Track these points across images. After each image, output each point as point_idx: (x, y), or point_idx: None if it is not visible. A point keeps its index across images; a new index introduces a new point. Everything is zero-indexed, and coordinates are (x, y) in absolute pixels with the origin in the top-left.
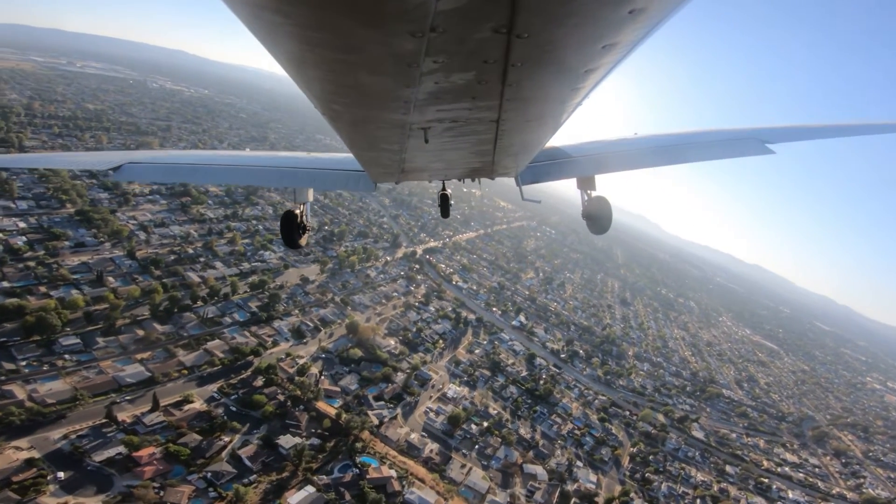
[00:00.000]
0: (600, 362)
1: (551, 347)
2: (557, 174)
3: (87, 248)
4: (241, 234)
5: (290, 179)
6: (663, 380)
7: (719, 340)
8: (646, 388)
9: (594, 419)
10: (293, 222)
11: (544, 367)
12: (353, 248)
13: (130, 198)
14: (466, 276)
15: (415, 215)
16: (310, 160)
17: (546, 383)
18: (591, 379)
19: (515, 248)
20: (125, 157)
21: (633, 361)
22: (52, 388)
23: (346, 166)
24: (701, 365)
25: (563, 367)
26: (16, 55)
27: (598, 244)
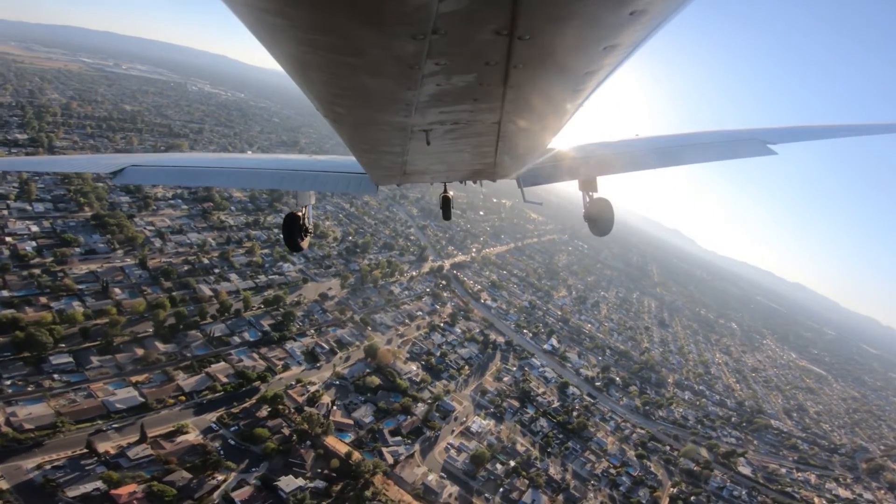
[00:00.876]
0: (638, 391)
1: (585, 374)
2: (559, 176)
3: (97, 255)
4: (260, 244)
5: (291, 182)
6: (706, 410)
7: (764, 366)
8: (687, 420)
9: (631, 456)
10: (295, 225)
11: (578, 397)
12: (377, 262)
13: (151, 202)
14: (496, 294)
15: (443, 226)
16: (311, 162)
17: (580, 415)
18: (629, 410)
19: (547, 263)
20: (127, 160)
21: (673, 390)
22: (32, 413)
23: (348, 168)
24: (747, 393)
25: (598, 397)
26: (66, 56)
27: (633, 260)
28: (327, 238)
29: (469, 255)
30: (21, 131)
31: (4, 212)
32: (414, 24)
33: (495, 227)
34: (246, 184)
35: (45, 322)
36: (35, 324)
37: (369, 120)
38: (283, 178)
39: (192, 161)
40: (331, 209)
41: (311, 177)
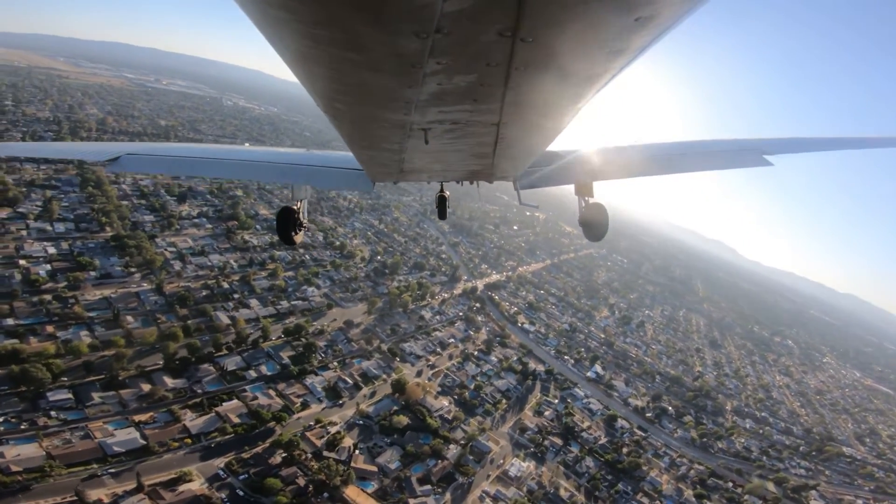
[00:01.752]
0: (694, 421)
1: (634, 405)
2: (556, 180)
3: (112, 280)
4: (284, 266)
5: (287, 176)
6: (771, 439)
7: (829, 387)
8: (751, 451)
9: (690, 496)
10: (290, 219)
11: (627, 431)
12: (407, 284)
13: (175, 221)
14: (533, 317)
15: (476, 243)
16: (308, 157)
17: (630, 452)
18: (684, 443)
19: (586, 280)
20: (123, 148)
21: (732, 418)
22: (21, 454)
23: (345, 164)
24: (814, 418)
25: (649, 430)
26: (110, 71)
27: (676, 274)
28: (354, 258)
29: (504, 273)
30: None
31: (23, 232)
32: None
33: (530, 243)
34: (241, 175)
35: (46, 354)
36: (36, 355)
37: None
38: (279, 172)
39: (188, 151)
40: (359, 226)
41: (307, 171)
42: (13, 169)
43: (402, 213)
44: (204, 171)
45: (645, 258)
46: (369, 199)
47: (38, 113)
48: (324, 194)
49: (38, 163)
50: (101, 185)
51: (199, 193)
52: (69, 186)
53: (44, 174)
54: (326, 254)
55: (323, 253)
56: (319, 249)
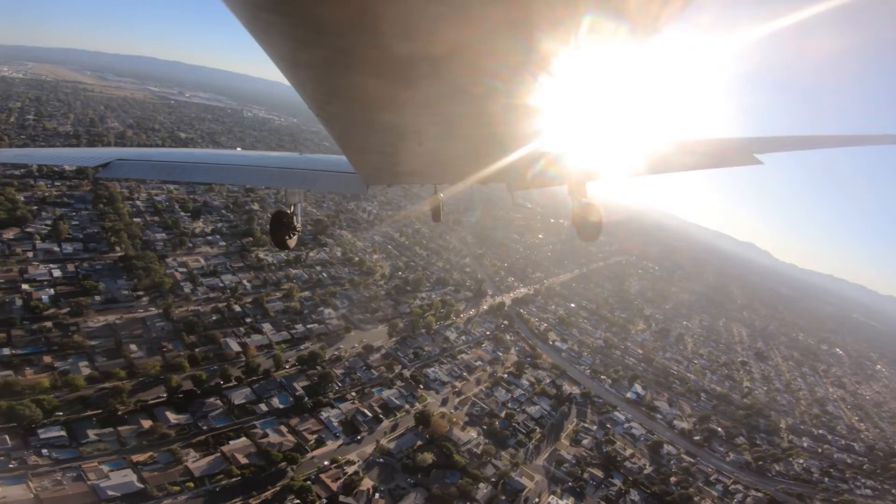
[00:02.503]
0: (747, 443)
1: (681, 427)
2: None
3: (117, 304)
4: (299, 286)
5: (281, 180)
6: (832, 458)
7: (885, 397)
8: (811, 473)
9: None
10: (283, 223)
11: (674, 457)
12: (430, 302)
13: (188, 239)
14: (565, 333)
15: (500, 254)
16: (301, 160)
17: (679, 482)
18: (738, 467)
19: (618, 290)
20: (114, 153)
21: (788, 437)
22: (7, 496)
23: (338, 168)
24: (874, 433)
25: (698, 455)
26: (134, 85)
27: (710, 280)
28: (374, 275)
29: (531, 286)
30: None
31: (29, 253)
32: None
33: (557, 252)
34: (234, 180)
35: (41, 387)
36: (30, 389)
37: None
38: (272, 176)
39: (179, 156)
40: (379, 240)
41: (300, 175)
42: (27, 186)
43: (424, 225)
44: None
45: (677, 265)
46: (389, 209)
47: (60, 127)
48: (342, 206)
49: (53, 179)
50: (114, 202)
51: (215, 208)
52: (81, 204)
53: (57, 191)
54: (345, 271)
55: (341, 270)
56: (337, 266)
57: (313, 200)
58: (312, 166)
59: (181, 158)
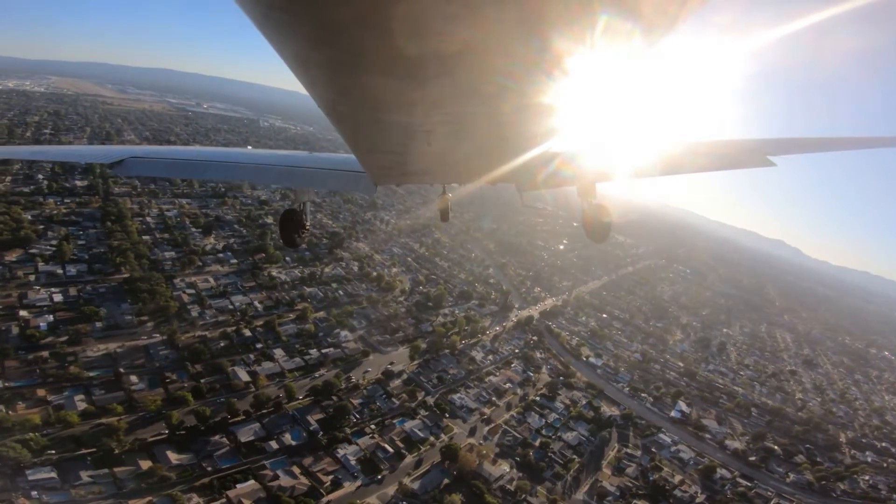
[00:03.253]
0: (808, 461)
1: (733, 447)
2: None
3: (119, 331)
4: (314, 305)
5: (289, 179)
6: None
7: None
8: (879, 490)
9: None
10: (293, 221)
11: (729, 482)
12: (453, 318)
13: (197, 257)
14: (599, 347)
15: (524, 262)
16: (310, 159)
17: None
18: (800, 488)
19: (650, 297)
20: (127, 151)
21: (850, 452)
22: None
23: (347, 167)
24: None
25: (756, 478)
26: (154, 97)
27: (744, 283)
28: (393, 291)
29: (560, 297)
30: (82, 178)
31: (31, 276)
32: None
33: (583, 258)
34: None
35: (31, 424)
36: (20, 425)
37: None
38: (282, 175)
39: (192, 154)
40: (398, 252)
41: (309, 174)
42: (35, 203)
43: (444, 234)
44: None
45: (708, 267)
46: (408, 218)
47: (76, 141)
48: (359, 216)
49: (63, 195)
50: (123, 218)
51: (227, 223)
52: (90, 222)
53: (66, 208)
54: (362, 287)
55: (358, 286)
56: (354, 282)
57: (328, 212)
58: (321, 165)
59: (193, 156)
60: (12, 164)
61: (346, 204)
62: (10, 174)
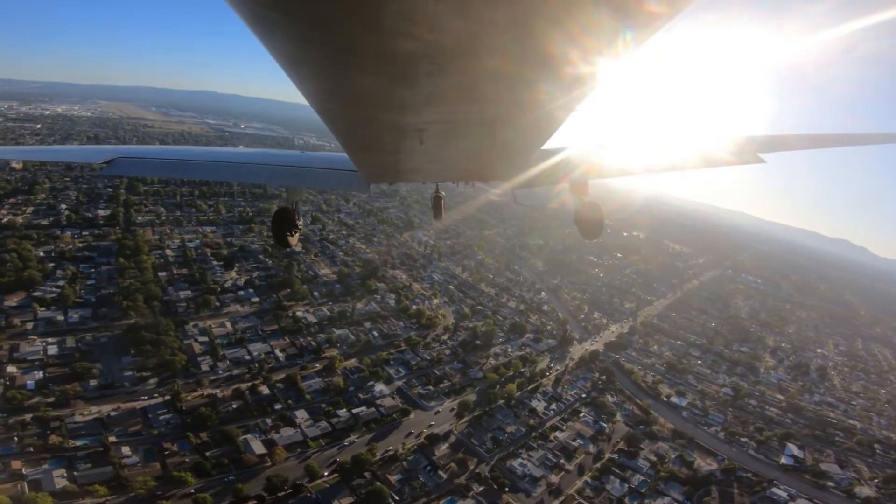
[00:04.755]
0: None
1: (863, 495)
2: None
3: (116, 391)
4: (344, 352)
5: (282, 177)
6: None
7: None
8: None
9: None
10: (286, 220)
11: None
12: (507, 359)
13: (215, 297)
14: (680, 383)
15: (578, 283)
16: (303, 158)
17: None
18: None
19: (726, 316)
20: (117, 151)
21: None
22: None
23: (340, 165)
24: None
25: None
26: (194, 119)
27: (822, 290)
28: (436, 328)
29: (624, 322)
30: (106, 206)
31: (29, 324)
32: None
33: (641, 273)
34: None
35: None
36: None
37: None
38: (274, 173)
39: (182, 154)
40: (438, 279)
41: (301, 172)
42: (50, 238)
43: (488, 254)
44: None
45: (778, 274)
46: (448, 238)
47: None
48: (394, 238)
49: (82, 228)
50: (139, 253)
51: (251, 254)
52: (104, 257)
53: (82, 241)
54: (399, 326)
55: (395, 325)
56: (391, 320)
57: (361, 235)
58: (314, 164)
59: (183, 156)
60: (37, 193)
61: (380, 225)
62: (34, 205)
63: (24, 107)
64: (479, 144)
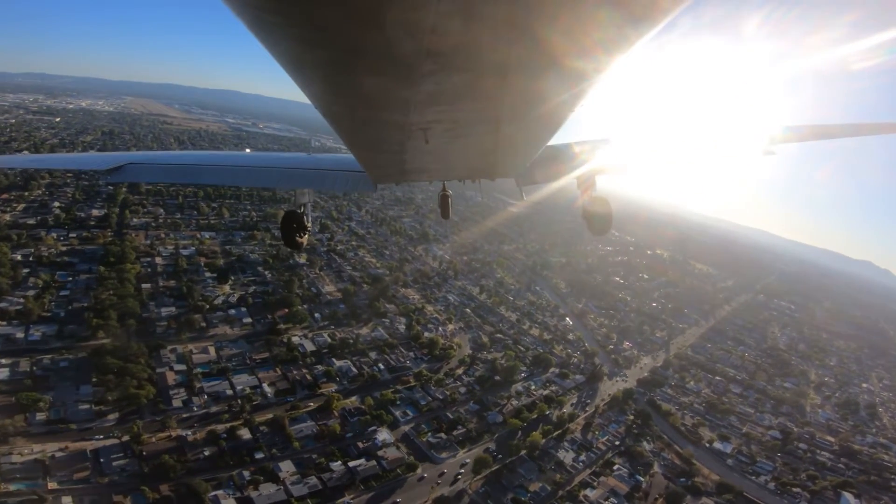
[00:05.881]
0: None
1: None
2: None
3: (66, 427)
4: (345, 387)
5: (290, 180)
6: None
7: None
8: None
9: None
10: (294, 223)
11: None
12: (532, 401)
13: (200, 318)
14: (722, 426)
15: (605, 307)
16: (310, 160)
17: None
18: None
19: (764, 347)
20: (126, 157)
21: None
22: None
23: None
24: None
25: None
26: (214, 117)
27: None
28: (450, 360)
29: (656, 354)
30: (102, 205)
31: None
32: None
33: (671, 298)
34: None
35: None
36: None
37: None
38: (282, 177)
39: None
40: (453, 300)
41: (309, 175)
42: (32, 239)
43: (507, 272)
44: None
45: (810, 299)
46: (465, 253)
47: None
48: (407, 252)
49: (69, 230)
50: (124, 260)
51: (250, 265)
52: (86, 264)
53: (66, 245)
54: (409, 357)
55: (404, 355)
56: (399, 349)
57: (373, 247)
58: (321, 166)
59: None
60: (33, 190)
61: (393, 236)
62: (26, 201)
63: (49, 100)
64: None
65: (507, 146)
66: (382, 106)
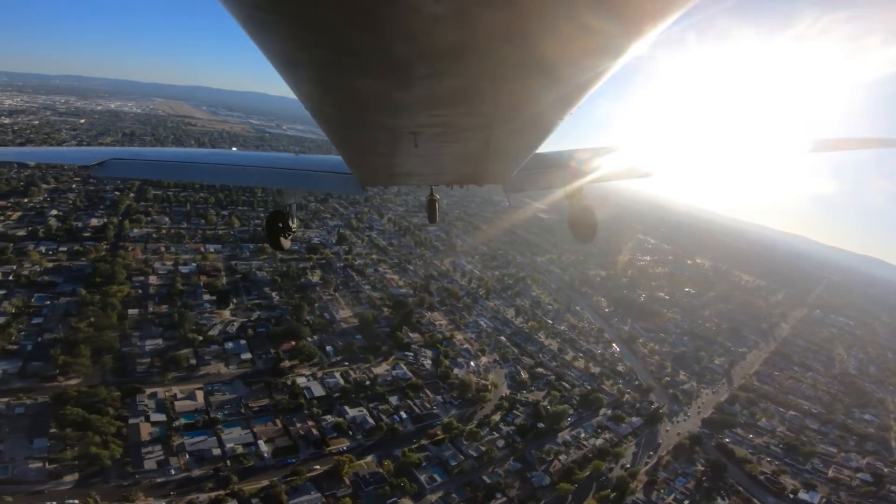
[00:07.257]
0: None
1: None
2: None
3: (10, 489)
4: (359, 443)
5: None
6: None
7: None
8: None
9: None
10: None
11: None
12: (583, 455)
13: (189, 354)
14: (805, 470)
15: (654, 328)
16: (297, 160)
17: None
18: None
19: (833, 372)
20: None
21: None
22: None
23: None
24: None
25: None
26: (240, 119)
27: None
28: (484, 405)
29: (719, 387)
30: (102, 214)
31: None
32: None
33: (724, 317)
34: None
35: None
36: None
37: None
38: (268, 176)
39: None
40: (486, 326)
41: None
42: (17, 254)
43: (543, 289)
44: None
45: (868, 314)
46: (496, 267)
47: None
48: (433, 267)
49: (60, 242)
50: (112, 281)
51: (256, 284)
52: (70, 284)
53: (52, 261)
54: (437, 401)
55: (430, 399)
56: (425, 391)
57: (395, 261)
58: (308, 167)
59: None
60: (33, 196)
61: (417, 248)
62: (24, 209)
63: (79, 102)
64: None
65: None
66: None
